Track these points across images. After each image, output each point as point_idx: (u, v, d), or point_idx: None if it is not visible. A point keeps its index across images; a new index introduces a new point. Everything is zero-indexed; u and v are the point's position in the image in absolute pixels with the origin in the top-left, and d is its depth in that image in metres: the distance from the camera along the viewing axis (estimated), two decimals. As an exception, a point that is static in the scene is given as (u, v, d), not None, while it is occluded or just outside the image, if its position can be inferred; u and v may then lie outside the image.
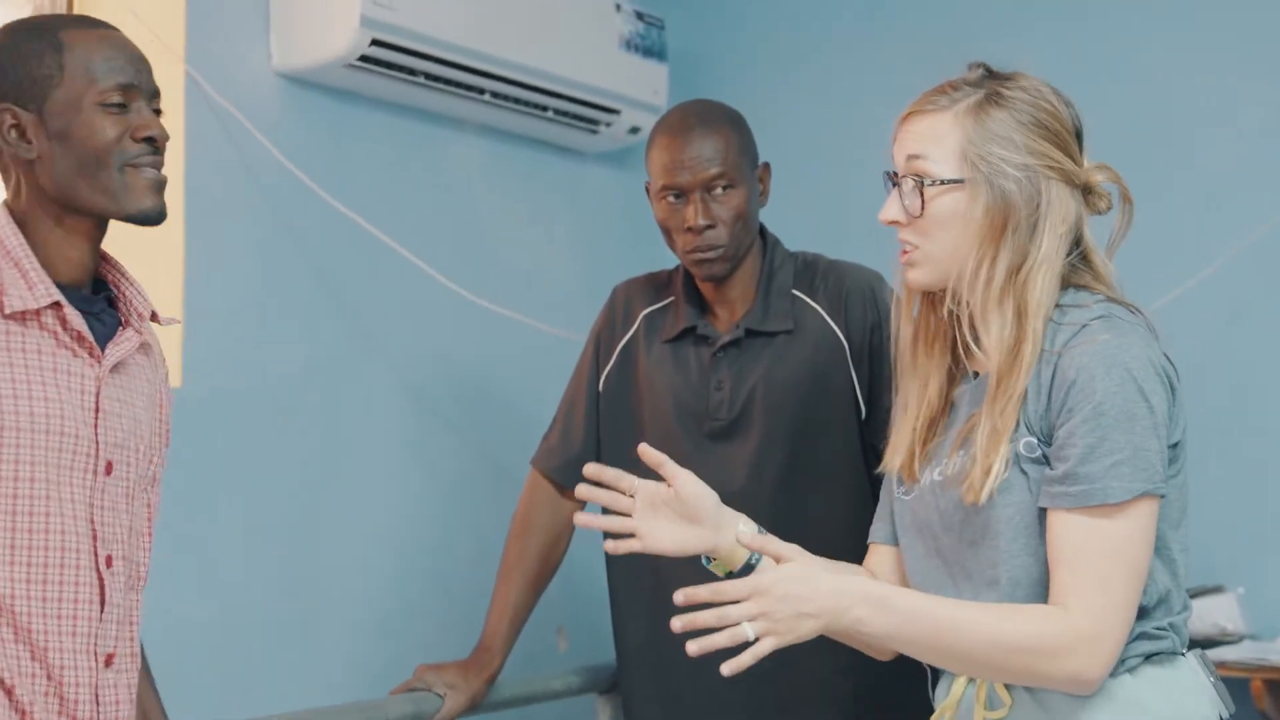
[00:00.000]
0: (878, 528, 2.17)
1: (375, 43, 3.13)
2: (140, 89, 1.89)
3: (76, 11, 3.04)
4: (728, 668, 1.89)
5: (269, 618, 3.07)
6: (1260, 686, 3.13)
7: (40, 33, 1.88)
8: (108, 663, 1.86)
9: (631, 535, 2.12)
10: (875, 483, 2.60)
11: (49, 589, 1.81)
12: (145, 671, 2.08)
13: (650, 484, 2.11)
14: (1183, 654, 1.93)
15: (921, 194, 1.96)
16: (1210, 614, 3.26)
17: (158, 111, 1.93)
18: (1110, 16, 3.70)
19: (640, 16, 3.79)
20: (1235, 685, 2.02)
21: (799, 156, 3.60)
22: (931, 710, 2.52)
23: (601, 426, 2.75)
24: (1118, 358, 1.85)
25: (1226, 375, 3.47)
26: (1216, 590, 3.32)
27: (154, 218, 1.89)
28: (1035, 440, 1.89)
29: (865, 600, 1.88)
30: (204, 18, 3.04)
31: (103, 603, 1.85)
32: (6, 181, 1.91)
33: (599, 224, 3.95)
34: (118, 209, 1.87)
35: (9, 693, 1.78)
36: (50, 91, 1.85)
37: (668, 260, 3.97)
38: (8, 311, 1.81)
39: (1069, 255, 1.95)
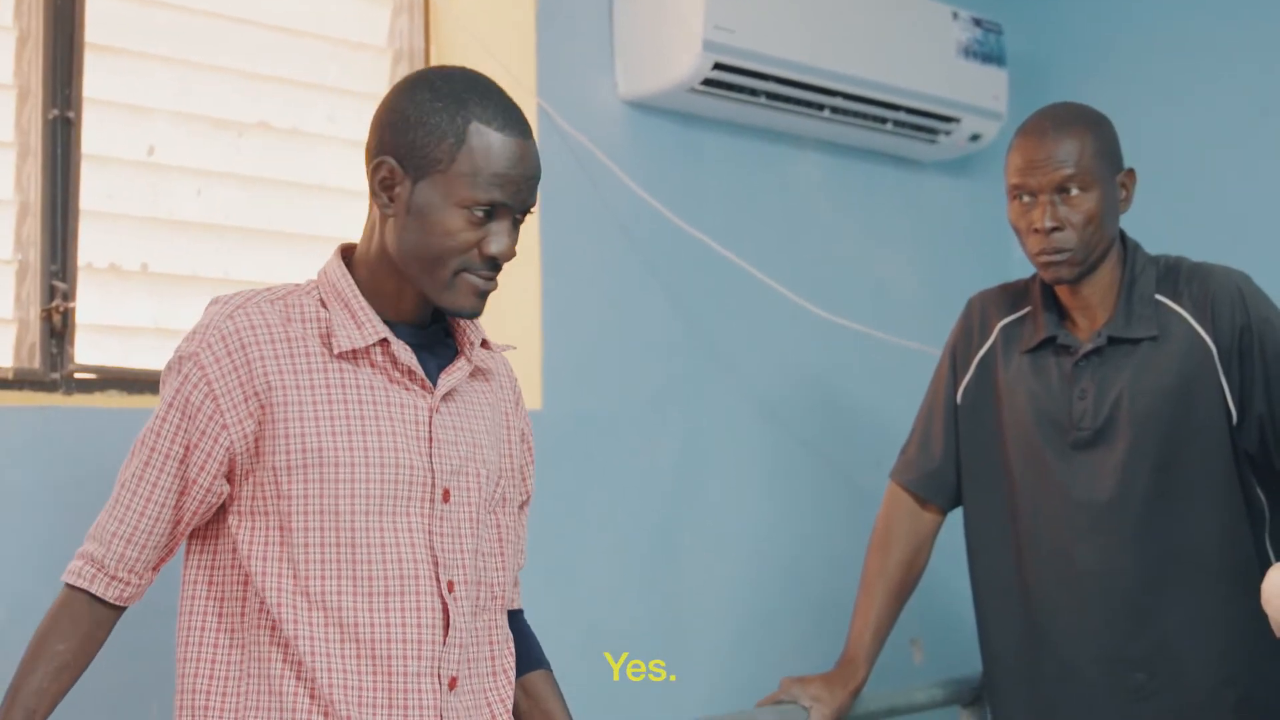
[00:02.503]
0: None
1: (718, 66, 3.18)
2: (511, 208, 1.88)
3: (434, 47, 3.18)
4: None
5: (634, 634, 3.15)
6: None
7: (455, 111, 1.85)
8: (451, 686, 1.90)
9: None
10: (1248, 489, 2.53)
11: (392, 615, 1.86)
12: (550, 679, 2.13)
13: None
14: None
15: None
16: None
17: (519, 220, 1.91)
18: None
19: (978, 23, 3.75)
20: None
21: (1149, 158, 3.50)
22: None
23: (961, 439, 2.74)
24: None
25: None
26: None
27: (466, 316, 1.91)
28: None
29: None
30: (553, 51, 3.14)
31: (446, 627, 1.90)
32: (369, 216, 1.95)
33: (942, 233, 3.92)
34: (437, 301, 1.90)
35: None
36: (431, 172, 1.85)
37: (1014, 267, 3.94)
38: (336, 352, 1.87)
39: None
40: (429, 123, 1.85)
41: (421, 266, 1.88)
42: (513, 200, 1.87)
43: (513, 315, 3.06)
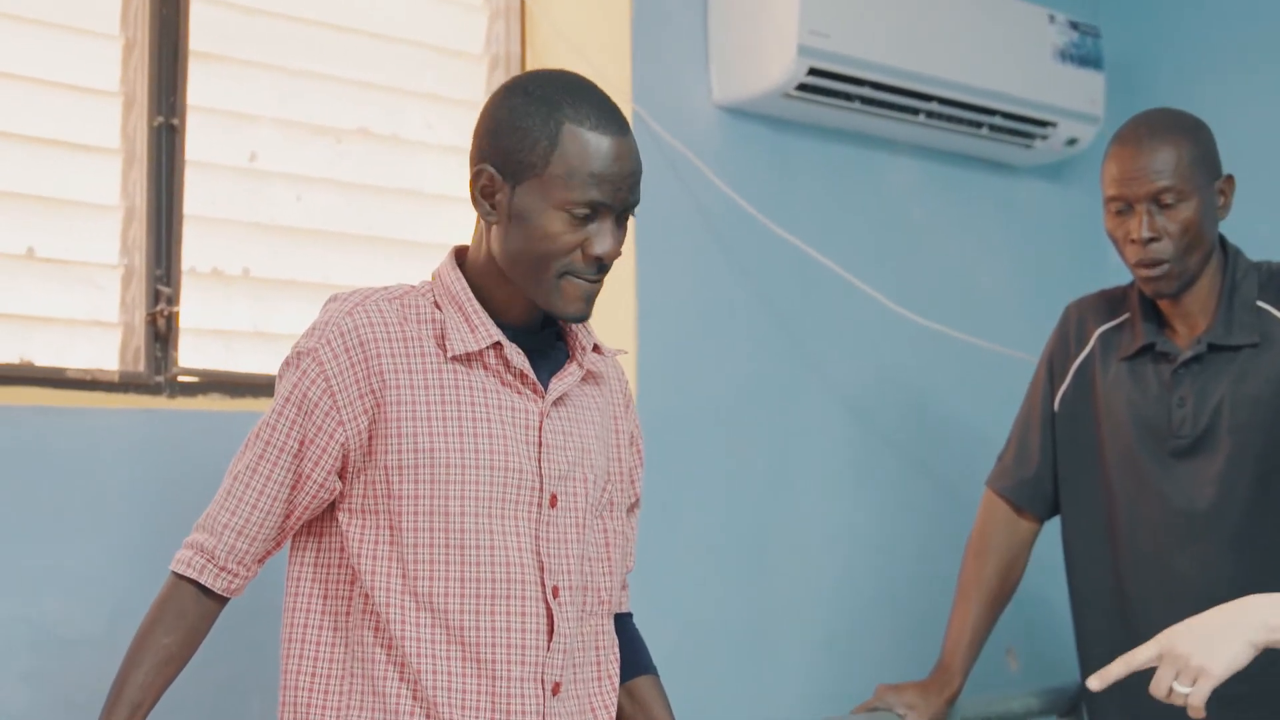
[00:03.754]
0: None
1: (812, 71, 3.18)
2: (611, 207, 1.87)
3: (530, 52, 3.21)
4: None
5: (726, 638, 3.16)
6: None
7: (548, 113, 1.85)
8: (554, 691, 1.91)
9: None
10: (1353, 500, 2.50)
11: (497, 619, 1.87)
12: (656, 684, 2.15)
13: None
14: None
15: None
16: None
17: (624, 219, 1.91)
18: None
19: (1075, 26, 3.72)
20: None
21: (1254, 163, 3.46)
22: None
23: (1058, 447, 2.73)
24: None
25: None
26: None
27: (571, 319, 1.91)
28: None
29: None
30: (648, 57, 3.16)
31: (550, 632, 1.90)
32: (476, 225, 1.97)
33: (1037, 239, 3.90)
34: (543, 305, 1.90)
35: None
36: (528, 177, 1.85)
37: (1111, 274, 3.90)
38: (451, 355, 1.88)
39: None
40: (522, 127, 1.86)
41: (526, 271, 1.88)
42: (612, 199, 1.86)
43: (608, 317, 3.07)
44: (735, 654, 3.17)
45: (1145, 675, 2.57)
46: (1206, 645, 1.87)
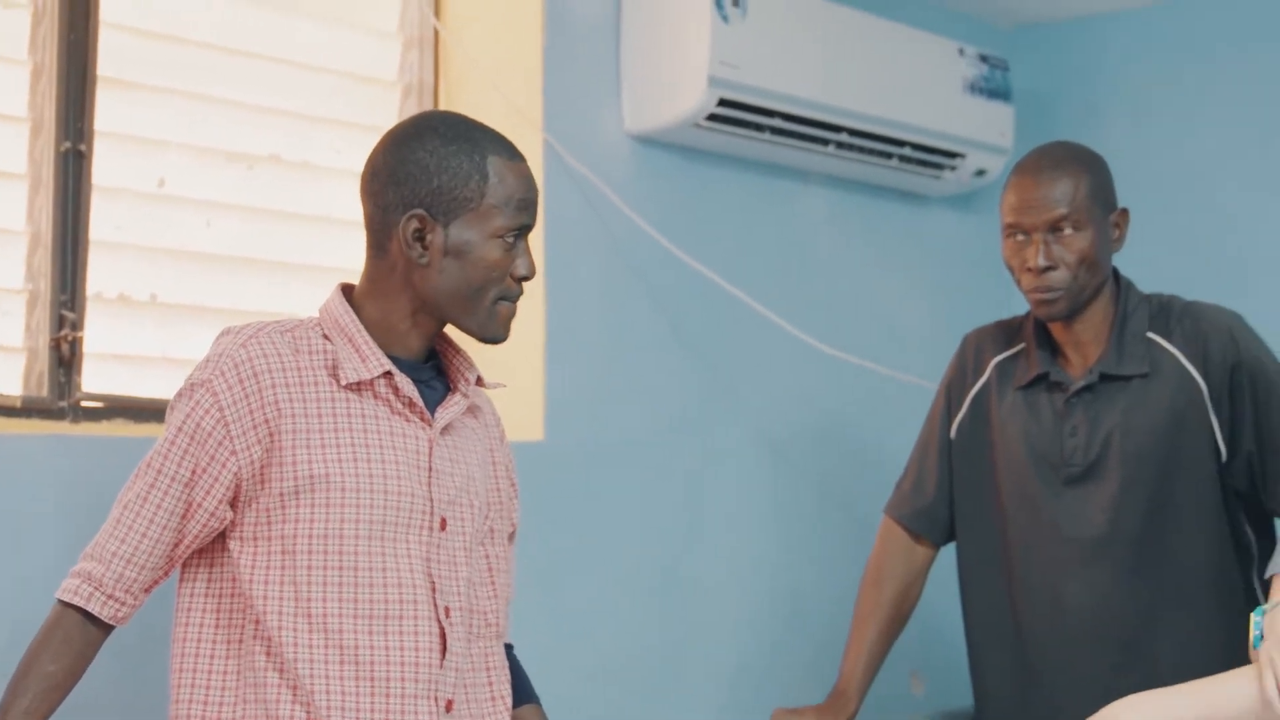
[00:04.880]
0: None
1: (723, 101, 3.22)
2: (530, 228, 2.01)
3: (443, 82, 3.24)
4: None
5: (636, 664, 3.18)
6: None
7: (470, 151, 1.95)
8: (448, 708, 1.95)
9: None
10: (1236, 523, 2.56)
11: (390, 638, 1.92)
12: (539, 712, 2.18)
13: None
14: None
15: None
16: None
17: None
18: None
19: (984, 59, 3.78)
20: None
21: (1151, 196, 3.54)
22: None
23: (955, 475, 2.77)
24: None
25: None
26: None
27: (499, 342, 2.02)
28: None
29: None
30: (560, 87, 3.19)
31: (443, 651, 1.95)
32: (377, 262, 2.00)
33: (946, 268, 3.95)
34: (476, 333, 2.00)
35: None
36: (463, 213, 1.95)
37: (1018, 302, 3.95)
38: (343, 383, 1.94)
39: None
40: (450, 167, 1.95)
41: (464, 302, 1.97)
42: (531, 220, 2.00)
43: (517, 347, 3.09)
44: (646, 683, 3.19)
45: (1037, 702, 2.63)
46: None
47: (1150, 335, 2.62)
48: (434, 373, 2.05)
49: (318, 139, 3.07)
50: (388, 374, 1.96)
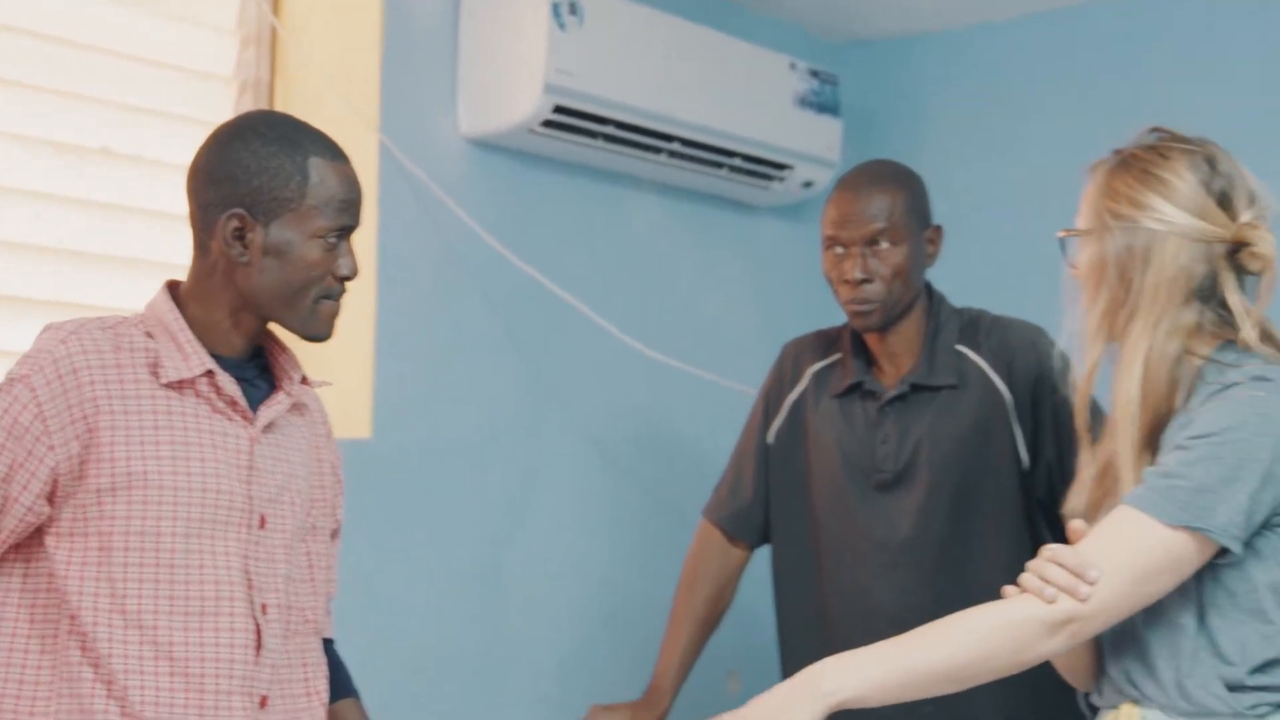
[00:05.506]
0: None
1: (558, 108, 3.27)
2: (352, 229, 2.03)
3: (279, 80, 3.25)
4: None
5: (458, 661, 3.22)
6: None
7: (291, 152, 1.98)
8: (262, 704, 1.98)
9: None
10: (1035, 531, 2.68)
11: (205, 634, 1.94)
12: (358, 706, 2.22)
13: None
14: None
15: (1067, 247, 2.11)
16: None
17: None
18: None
19: (815, 74, 3.88)
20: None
21: (969, 212, 3.66)
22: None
23: (771, 479, 2.85)
24: (1243, 411, 1.93)
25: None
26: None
27: (322, 340, 2.05)
28: None
29: (833, 662, 2.02)
30: (397, 88, 3.22)
31: (259, 647, 1.98)
32: (201, 260, 2.03)
33: (773, 277, 4.05)
34: (297, 330, 2.02)
35: None
36: (284, 213, 1.97)
37: (841, 312, 4.07)
38: (164, 382, 1.95)
39: (1204, 312, 2.02)
40: (271, 167, 1.97)
41: (285, 300, 1.99)
42: (354, 221, 2.02)
43: (347, 345, 3.11)
44: (468, 679, 3.23)
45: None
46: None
47: (960, 348, 2.72)
48: (258, 371, 2.08)
49: (151, 133, 3.06)
50: (209, 373, 1.98)
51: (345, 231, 2.02)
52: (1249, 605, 1.95)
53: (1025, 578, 2.00)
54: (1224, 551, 1.94)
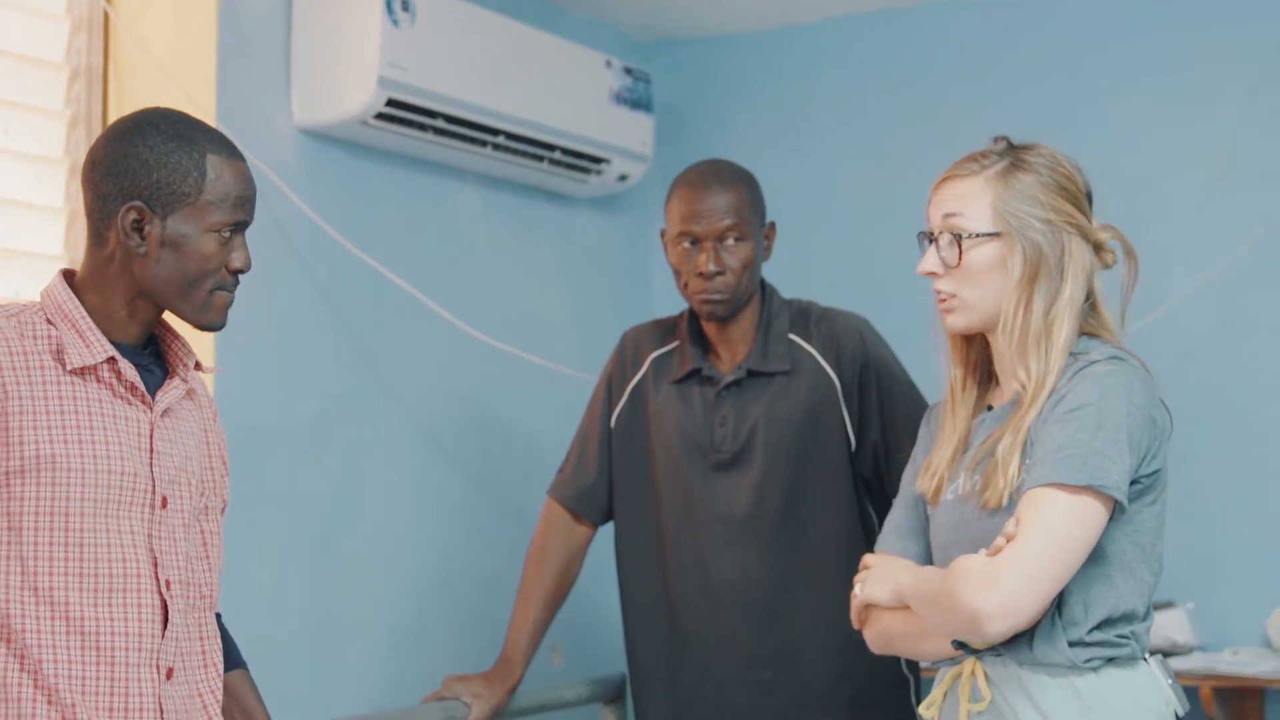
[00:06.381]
0: (896, 543, 2.37)
1: (391, 102, 3.36)
2: (246, 224, 2.12)
3: (113, 66, 3.27)
4: None
5: (296, 637, 3.29)
6: (1209, 693, 3.41)
7: (189, 148, 2.05)
8: (168, 676, 2.06)
9: None
10: (863, 505, 2.88)
11: (115, 610, 2.01)
12: (247, 677, 2.31)
13: None
14: (1144, 659, 2.19)
15: (959, 246, 2.22)
16: (1163, 628, 3.53)
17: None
18: (1072, 71, 3.99)
19: (629, 71, 4.03)
20: (1185, 693, 2.27)
21: (779, 204, 3.83)
22: (914, 715, 2.79)
23: (614, 460, 3.00)
24: (1108, 383, 2.13)
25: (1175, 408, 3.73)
26: (1168, 606, 3.59)
27: (215, 329, 2.14)
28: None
29: None
30: (232, 78, 3.26)
31: (165, 622, 2.06)
32: (97, 250, 2.08)
33: (591, 265, 4.19)
34: (191, 320, 2.10)
35: (71, 709, 1.96)
36: (181, 207, 2.04)
37: (654, 299, 4.24)
38: (69, 368, 2.02)
39: (1083, 303, 2.23)
40: (169, 162, 2.04)
41: (179, 292, 2.07)
42: (248, 216, 2.12)
43: (184, 329, 3.15)
44: (302, 656, 3.31)
45: (687, 666, 2.89)
46: None
47: (792, 336, 2.90)
48: (153, 358, 2.14)
49: (-17, 118, 3.06)
50: (111, 359, 2.04)
51: (240, 226, 2.10)
52: (1101, 566, 2.15)
53: None
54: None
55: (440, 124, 3.52)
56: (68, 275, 2.11)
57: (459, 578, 3.69)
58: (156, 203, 2.04)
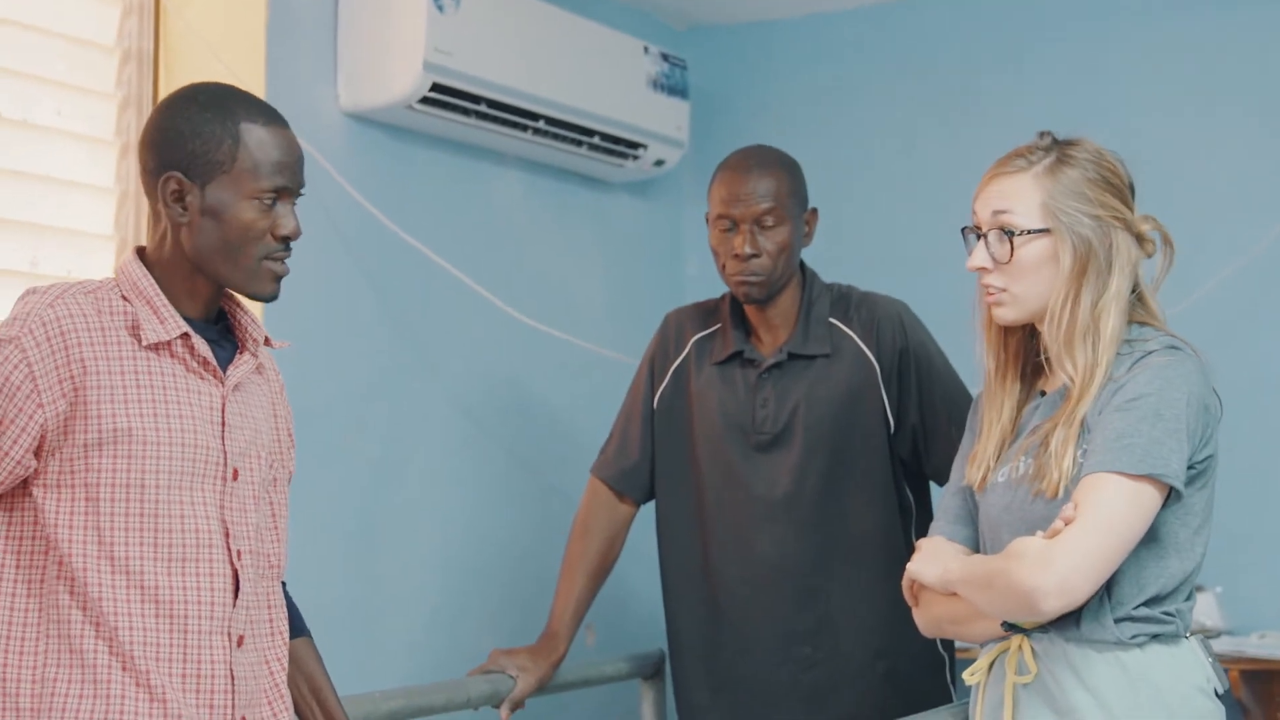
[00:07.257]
0: (945, 528, 2.42)
1: (435, 86, 3.42)
2: (291, 190, 2.13)
3: (163, 49, 3.32)
4: None
5: (336, 612, 3.34)
6: (1236, 676, 3.46)
7: (223, 117, 2.08)
8: (239, 643, 2.12)
9: None
10: (900, 487, 2.94)
11: (188, 579, 2.07)
12: (311, 645, 2.37)
13: None
14: (1186, 637, 2.25)
15: (1011, 243, 2.27)
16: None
17: (295, 200, 2.16)
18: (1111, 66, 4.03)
19: (666, 58, 4.08)
20: (1216, 676, 2.34)
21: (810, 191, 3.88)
22: (949, 695, 2.84)
23: (656, 439, 3.05)
24: (1167, 374, 2.19)
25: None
26: (1197, 589, 3.63)
27: (268, 300, 2.16)
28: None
29: None
30: (280, 61, 3.32)
31: (236, 591, 2.12)
32: (155, 228, 2.15)
33: (625, 249, 4.25)
34: (242, 289, 2.13)
35: (145, 675, 2.03)
36: (217, 175, 2.07)
37: (687, 283, 4.29)
38: (144, 344, 2.07)
39: (1130, 294, 2.28)
40: (204, 132, 2.08)
41: (225, 261, 2.10)
42: (291, 182, 2.12)
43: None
44: (344, 629, 3.37)
45: (726, 641, 2.94)
46: None
47: (832, 320, 2.96)
48: (223, 333, 2.19)
49: (37, 99, 3.12)
50: (185, 335, 2.09)
51: (281, 192, 2.11)
52: (1153, 546, 2.21)
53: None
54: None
55: (483, 108, 3.58)
56: (140, 252, 2.16)
57: (496, 553, 3.75)
58: (194, 172, 2.07)
